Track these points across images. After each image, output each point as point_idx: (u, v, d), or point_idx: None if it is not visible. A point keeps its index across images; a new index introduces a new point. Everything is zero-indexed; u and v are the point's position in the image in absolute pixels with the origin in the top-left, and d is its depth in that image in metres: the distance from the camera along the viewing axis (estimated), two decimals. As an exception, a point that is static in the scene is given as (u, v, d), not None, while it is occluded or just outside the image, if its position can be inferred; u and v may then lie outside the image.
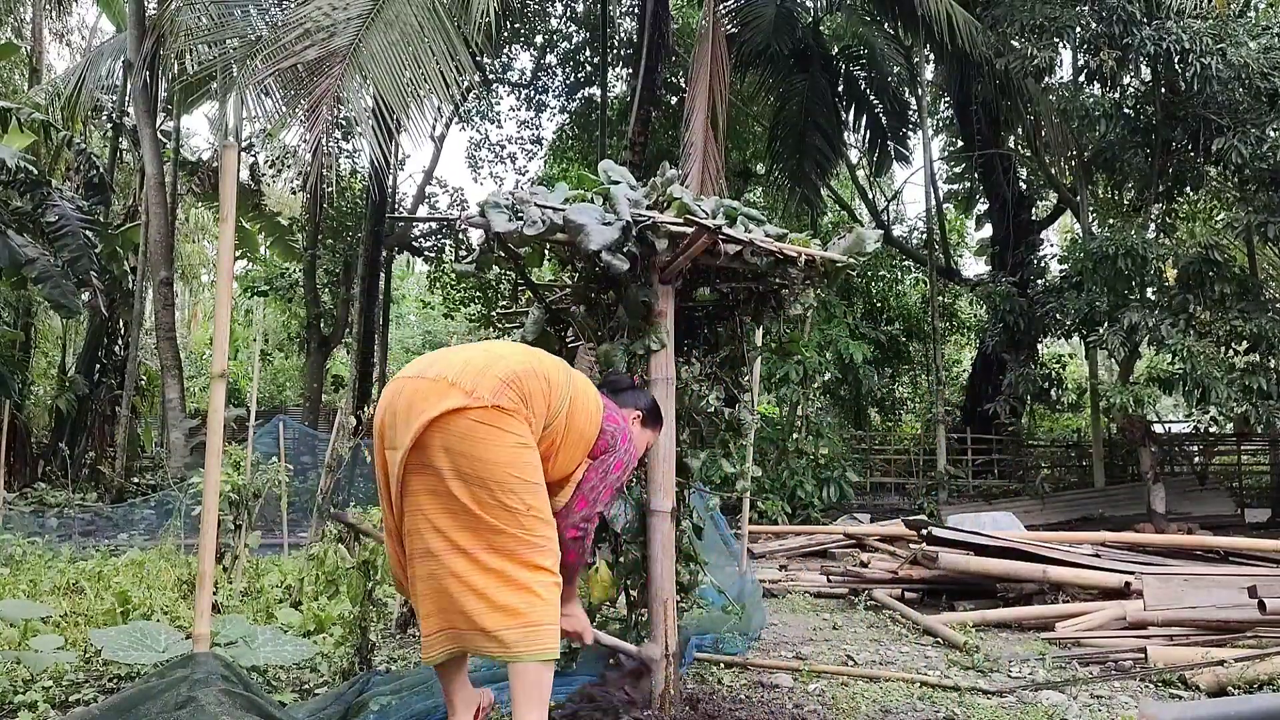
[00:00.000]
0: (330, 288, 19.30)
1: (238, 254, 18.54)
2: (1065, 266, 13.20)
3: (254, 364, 11.20)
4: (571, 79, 20.68)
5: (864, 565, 6.92)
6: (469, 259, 3.53)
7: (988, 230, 19.11)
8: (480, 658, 2.89)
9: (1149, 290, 11.48)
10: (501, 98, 22.19)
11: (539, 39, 20.42)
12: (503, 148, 22.34)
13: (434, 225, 20.57)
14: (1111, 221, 13.25)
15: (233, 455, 6.20)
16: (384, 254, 18.24)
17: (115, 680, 3.80)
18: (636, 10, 17.14)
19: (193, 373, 22.23)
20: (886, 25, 16.36)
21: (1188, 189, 12.39)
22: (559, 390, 2.70)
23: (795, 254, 3.51)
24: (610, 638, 3.18)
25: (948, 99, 18.57)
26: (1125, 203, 13.36)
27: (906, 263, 19.41)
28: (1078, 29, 11.10)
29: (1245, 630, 4.60)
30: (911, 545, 6.83)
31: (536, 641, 2.48)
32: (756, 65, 15.94)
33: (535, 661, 2.50)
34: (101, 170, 14.86)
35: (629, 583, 3.78)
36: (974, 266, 22.94)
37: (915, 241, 20.21)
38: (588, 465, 2.84)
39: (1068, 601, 5.56)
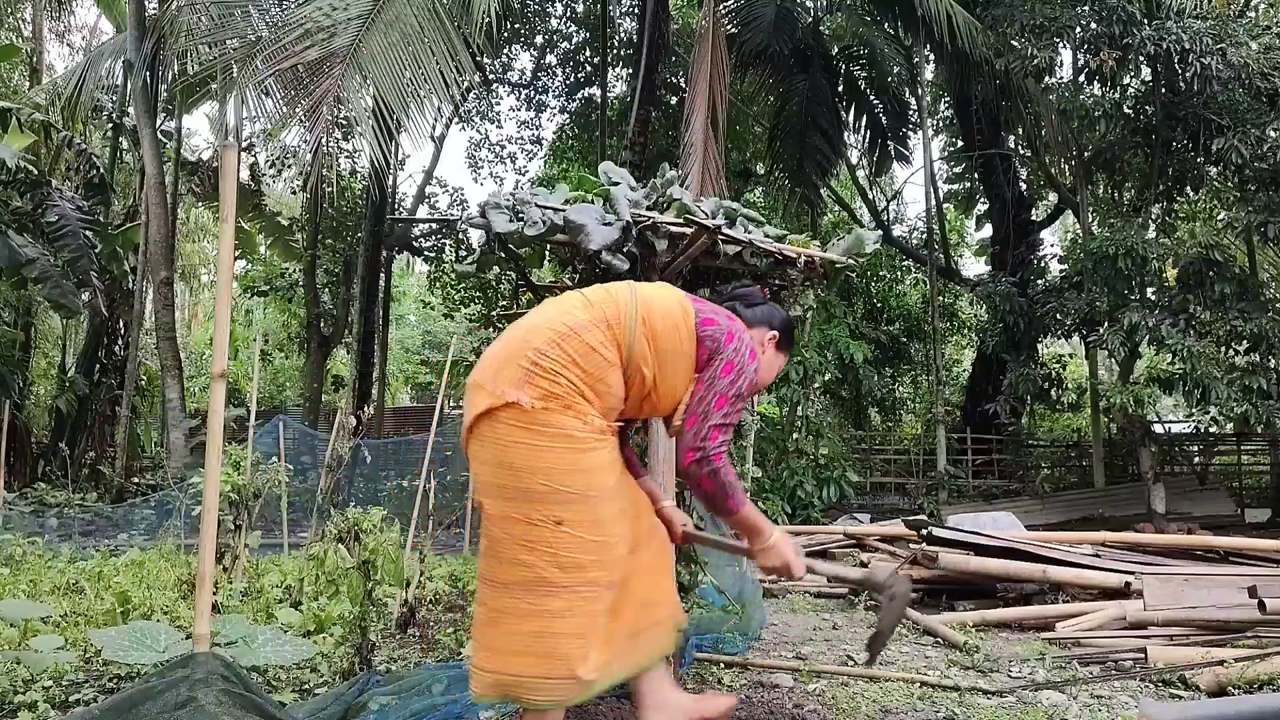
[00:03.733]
0: (330, 288, 19.31)
1: (238, 254, 18.54)
2: (1065, 266, 13.20)
3: (254, 364, 11.19)
4: (571, 79, 20.69)
5: (864, 565, 6.92)
6: (470, 259, 3.54)
7: (988, 230, 19.11)
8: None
9: (1149, 290, 11.49)
10: (501, 98, 22.25)
11: (539, 39, 20.43)
12: (503, 148, 22.39)
13: (434, 225, 20.58)
14: (1111, 221, 13.23)
15: (233, 455, 6.19)
16: (384, 254, 18.24)
17: (115, 680, 3.80)
18: (636, 10, 17.15)
19: (193, 373, 22.23)
20: (886, 25, 16.36)
21: (1188, 189, 12.39)
22: (623, 321, 2.35)
23: (795, 255, 3.52)
24: (830, 565, 2.80)
25: (948, 99, 18.57)
26: (1125, 203, 13.36)
27: (906, 263, 19.42)
28: (1078, 29, 11.11)
29: (1245, 630, 4.60)
30: (911, 545, 6.83)
31: (550, 691, 2.25)
32: (756, 65, 15.94)
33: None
34: (101, 170, 14.85)
35: (629, 583, 3.78)
36: (974, 266, 22.95)
37: (915, 241, 20.21)
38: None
39: (1068, 601, 5.56)
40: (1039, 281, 14.03)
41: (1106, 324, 10.80)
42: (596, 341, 2.31)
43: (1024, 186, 17.19)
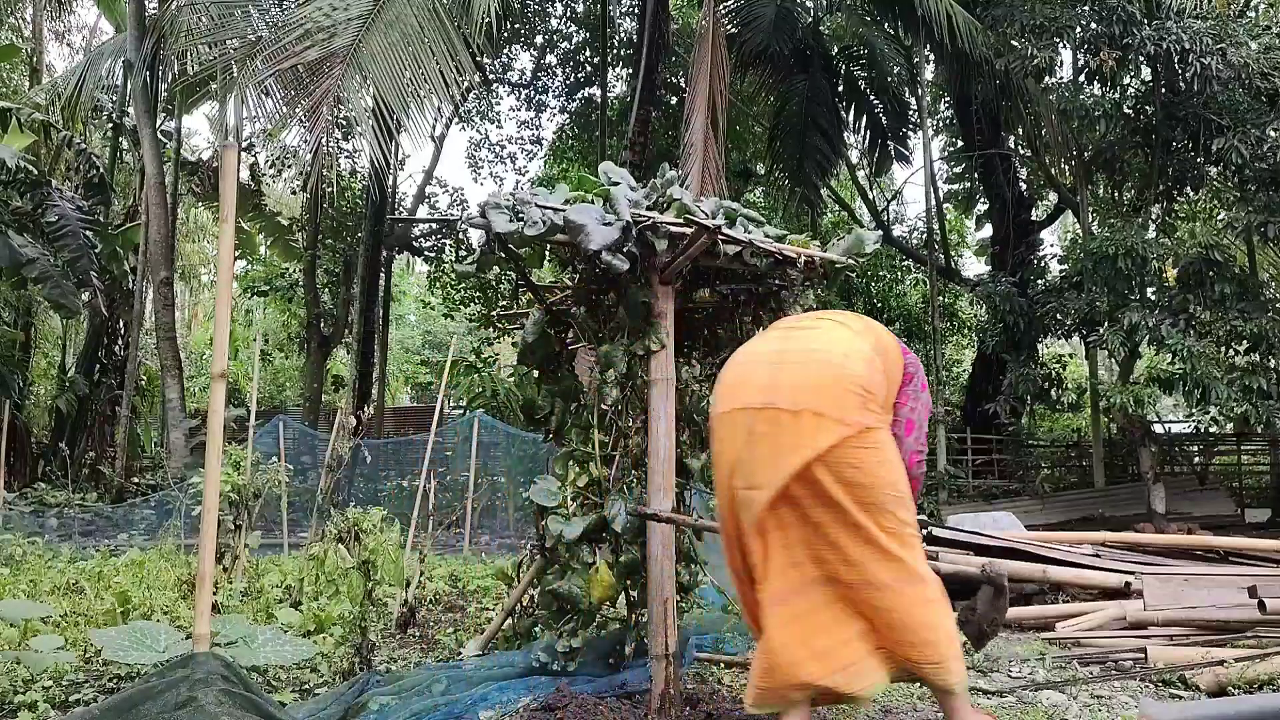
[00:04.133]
0: (330, 288, 19.32)
1: (238, 254, 18.55)
2: (1065, 266, 13.17)
3: (254, 364, 11.20)
4: (571, 79, 20.68)
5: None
6: (470, 259, 3.55)
7: (988, 230, 19.10)
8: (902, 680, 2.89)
9: (1149, 290, 11.47)
10: (501, 98, 22.24)
11: (539, 39, 20.43)
12: (503, 148, 22.39)
13: (434, 225, 20.58)
14: (1111, 221, 13.21)
15: (233, 455, 6.20)
16: (384, 254, 18.24)
17: (115, 680, 3.80)
18: (636, 10, 17.14)
19: (193, 373, 22.24)
20: (886, 25, 16.36)
21: (1188, 189, 12.37)
22: (885, 350, 2.77)
23: (795, 255, 3.52)
24: (949, 565, 3.17)
25: (948, 99, 18.56)
26: (1125, 203, 13.35)
27: (906, 263, 19.40)
28: (1078, 29, 11.10)
29: (1245, 630, 4.60)
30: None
31: (960, 669, 2.64)
32: (756, 65, 15.93)
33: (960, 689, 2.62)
34: (101, 170, 14.85)
35: (629, 583, 3.78)
36: (974, 266, 22.95)
37: (915, 241, 20.20)
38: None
39: (1068, 601, 5.56)
40: (1039, 281, 14.00)
41: (1106, 324, 10.79)
42: (880, 367, 2.70)
43: (1024, 186, 17.18)
